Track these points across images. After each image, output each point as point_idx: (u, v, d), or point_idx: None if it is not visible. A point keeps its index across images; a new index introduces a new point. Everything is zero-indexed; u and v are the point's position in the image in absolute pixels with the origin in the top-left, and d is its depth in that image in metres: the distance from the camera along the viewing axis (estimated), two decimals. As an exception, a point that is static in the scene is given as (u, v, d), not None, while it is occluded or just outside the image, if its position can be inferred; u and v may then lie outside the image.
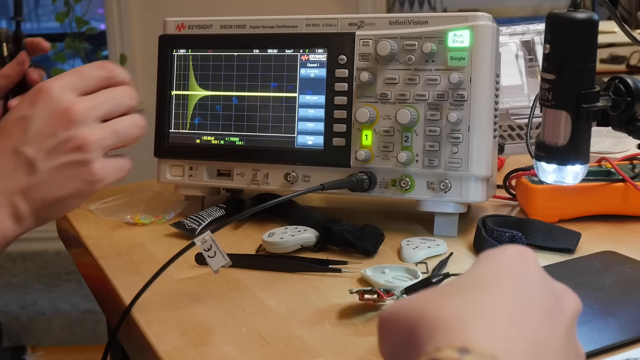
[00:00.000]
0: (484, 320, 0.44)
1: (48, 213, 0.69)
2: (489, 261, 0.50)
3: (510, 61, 1.15)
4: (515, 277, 0.48)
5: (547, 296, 0.49)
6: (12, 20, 1.02)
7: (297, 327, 0.70)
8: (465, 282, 0.48)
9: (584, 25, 0.76)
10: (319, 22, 0.94)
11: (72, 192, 0.68)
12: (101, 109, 0.70)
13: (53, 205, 0.68)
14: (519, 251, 0.50)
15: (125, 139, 0.71)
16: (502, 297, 0.46)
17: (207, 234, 0.75)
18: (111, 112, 0.71)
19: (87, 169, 0.68)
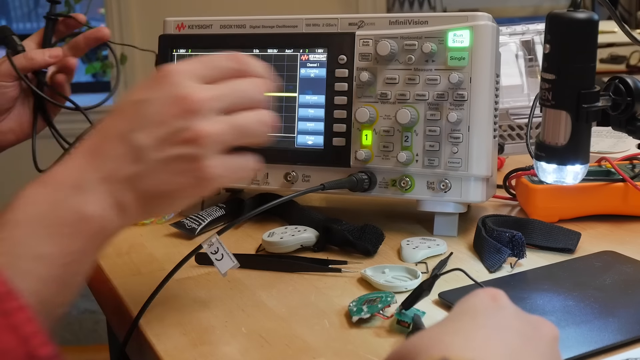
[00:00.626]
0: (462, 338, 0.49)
1: (153, 207, 0.63)
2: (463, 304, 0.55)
3: (510, 61, 1.15)
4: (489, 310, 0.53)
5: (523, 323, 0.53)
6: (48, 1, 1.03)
7: (297, 327, 0.70)
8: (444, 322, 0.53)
9: (584, 25, 0.76)
10: (319, 22, 0.94)
11: (180, 188, 0.62)
12: (224, 100, 0.63)
13: (159, 200, 0.62)
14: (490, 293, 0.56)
15: (246, 135, 0.64)
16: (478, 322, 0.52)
17: (214, 237, 0.74)
18: (235, 104, 0.64)
19: (198, 165, 0.61)
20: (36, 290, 0.55)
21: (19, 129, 1.03)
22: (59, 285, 0.57)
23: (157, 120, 0.61)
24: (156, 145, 0.60)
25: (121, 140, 0.61)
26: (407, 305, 0.68)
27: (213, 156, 0.62)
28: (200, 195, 0.64)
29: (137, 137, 0.60)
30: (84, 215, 0.58)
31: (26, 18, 4.41)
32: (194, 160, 0.61)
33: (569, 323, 0.67)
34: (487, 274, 0.80)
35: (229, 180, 0.64)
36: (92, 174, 0.60)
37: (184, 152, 0.61)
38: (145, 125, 0.61)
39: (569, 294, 0.73)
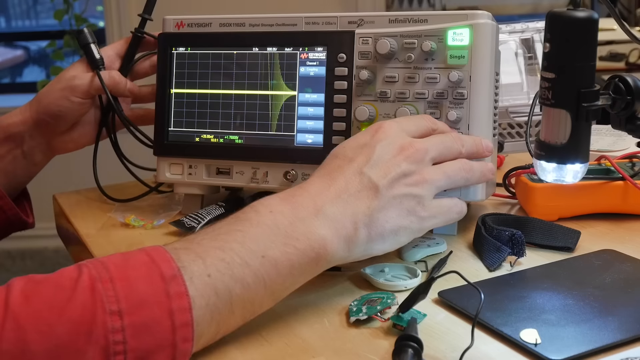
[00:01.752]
0: None
1: (379, 243, 0.70)
2: None
3: (510, 59, 1.15)
4: None
5: None
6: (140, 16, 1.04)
7: (297, 326, 0.70)
8: None
9: (583, 24, 0.76)
10: (319, 21, 0.93)
11: (405, 224, 0.70)
12: (436, 150, 0.74)
13: (387, 236, 0.69)
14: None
15: (454, 182, 0.75)
16: None
17: None
18: (443, 154, 0.75)
19: (421, 204, 0.71)
20: (249, 285, 0.61)
21: (80, 140, 1.06)
22: (266, 292, 0.63)
23: (389, 161, 0.70)
24: (389, 184, 0.69)
25: (358, 176, 0.70)
26: (404, 308, 0.67)
27: (430, 198, 0.72)
28: (418, 235, 0.73)
29: (372, 174, 0.69)
30: (318, 238, 0.65)
31: (25, 15, 4.40)
32: (418, 200, 0.70)
33: (568, 322, 0.67)
34: (487, 272, 0.80)
35: (441, 221, 0.74)
36: (335, 205, 0.67)
37: (411, 191, 0.70)
38: (378, 165, 0.70)
39: (569, 292, 0.73)
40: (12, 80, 4.18)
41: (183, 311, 0.57)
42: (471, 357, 0.62)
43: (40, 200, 1.26)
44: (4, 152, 1.00)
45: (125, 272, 0.57)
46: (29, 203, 1.06)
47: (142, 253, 0.59)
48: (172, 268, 0.57)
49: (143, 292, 0.56)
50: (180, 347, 0.56)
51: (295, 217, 0.66)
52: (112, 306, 0.54)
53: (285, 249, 0.63)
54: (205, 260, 0.60)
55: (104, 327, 0.53)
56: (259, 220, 0.64)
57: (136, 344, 0.54)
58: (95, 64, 1.03)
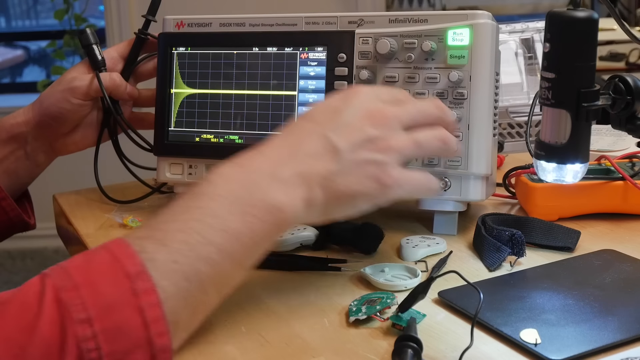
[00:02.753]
0: None
1: (337, 207, 0.68)
2: None
3: (510, 59, 1.15)
4: None
5: None
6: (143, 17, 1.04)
7: (297, 326, 0.70)
8: None
9: (583, 24, 0.76)
10: (319, 20, 0.93)
11: (365, 190, 0.68)
12: (408, 116, 0.71)
13: (343, 200, 0.68)
14: None
15: (426, 151, 0.72)
16: None
17: None
18: (417, 121, 0.72)
19: (384, 170, 0.68)
20: (216, 261, 0.60)
21: (82, 142, 1.06)
22: (233, 262, 0.62)
23: (354, 126, 0.68)
24: (352, 149, 0.67)
25: (320, 139, 0.68)
26: (403, 308, 0.67)
27: (395, 166, 0.69)
28: (378, 202, 0.70)
29: (335, 138, 0.67)
30: (275, 202, 0.64)
31: (25, 15, 4.40)
32: (381, 166, 0.68)
33: (568, 322, 0.67)
34: (487, 272, 0.80)
35: (405, 191, 0.70)
36: (290, 167, 0.66)
37: (374, 157, 0.67)
38: (341, 129, 0.68)
39: (569, 292, 0.73)
40: (12, 80, 4.18)
41: (153, 307, 0.56)
42: (471, 357, 0.62)
43: (40, 200, 1.26)
44: (7, 153, 1.00)
45: (89, 276, 0.56)
46: (30, 204, 1.06)
47: (104, 251, 0.58)
48: (136, 264, 0.57)
49: (109, 295, 0.55)
50: (156, 343, 0.55)
51: (250, 182, 0.64)
52: (80, 315, 0.54)
53: (244, 219, 0.62)
54: (168, 246, 0.59)
55: (75, 337, 0.53)
56: (215, 193, 0.63)
57: (110, 348, 0.53)
58: (96, 65, 1.03)
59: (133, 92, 1.04)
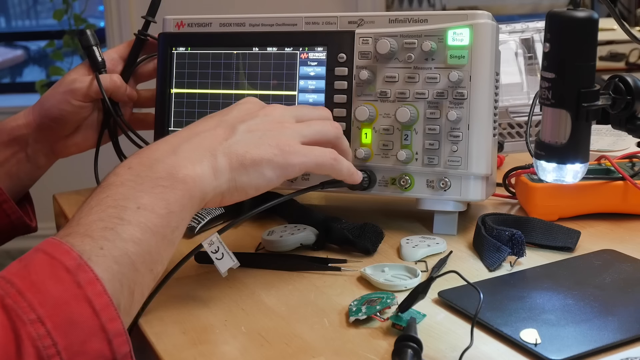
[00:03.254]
0: None
1: (244, 175, 0.71)
2: None
3: (510, 59, 1.15)
4: None
5: None
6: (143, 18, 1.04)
7: (297, 326, 0.70)
8: None
9: (583, 24, 0.76)
10: (319, 20, 0.93)
11: (267, 156, 0.71)
12: (296, 111, 0.78)
13: (249, 166, 0.71)
14: None
15: (321, 133, 0.77)
16: None
17: (214, 236, 0.74)
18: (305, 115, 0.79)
19: (281, 139, 0.73)
20: (140, 239, 0.62)
21: (83, 144, 1.06)
22: (158, 238, 0.64)
23: (247, 113, 0.75)
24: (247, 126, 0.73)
25: (216, 121, 0.74)
26: (403, 308, 0.67)
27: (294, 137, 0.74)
28: (286, 172, 0.73)
29: (230, 119, 0.74)
30: (181, 169, 0.66)
31: (25, 15, 4.40)
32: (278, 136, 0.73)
33: (568, 322, 0.67)
34: (487, 272, 0.80)
35: (310, 160, 0.74)
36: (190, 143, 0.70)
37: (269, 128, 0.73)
38: (236, 115, 0.75)
39: (569, 292, 0.73)
40: (12, 80, 4.18)
41: (99, 295, 0.57)
42: (471, 357, 0.62)
43: (40, 200, 1.26)
44: (8, 156, 1.00)
45: (30, 278, 0.56)
46: (32, 207, 1.06)
47: (39, 253, 0.59)
48: (73, 258, 0.58)
49: (55, 292, 0.56)
50: (109, 328, 0.56)
51: (153, 160, 0.67)
52: (30, 315, 0.54)
53: (154, 191, 0.64)
54: (91, 236, 0.60)
55: (29, 337, 0.53)
56: (122, 180, 0.65)
57: (66, 341, 0.54)
58: (97, 66, 1.03)
59: (132, 94, 1.04)
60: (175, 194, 0.65)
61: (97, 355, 0.55)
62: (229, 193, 0.71)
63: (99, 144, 1.06)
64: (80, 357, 0.55)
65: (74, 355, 0.54)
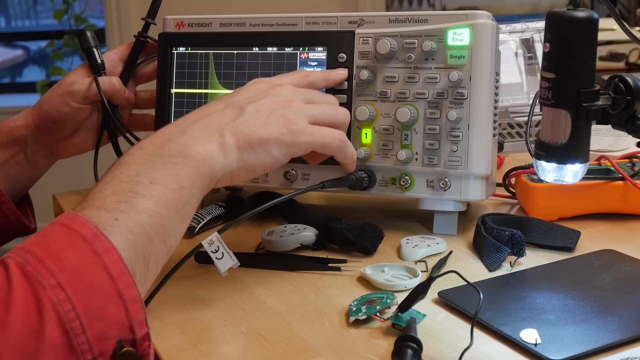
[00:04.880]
0: None
1: (251, 154, 0.73)
2: None
3: (510, 59, 1.15)
4: None
5: None
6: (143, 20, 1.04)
7: (297, 326, 0.70)
8: None
9: (583, 24, 0.76)
10: (319, 20, 0.93)
11: (274, 135, 0.73)
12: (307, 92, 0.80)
13: (256, 145, 0.73)
14: None
15: (330, 115, 0.79)
16: None
17: (214, 235, 0.74)
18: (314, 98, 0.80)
19: (289, 118, 0.75)
20: (153, 210, 0.64)
21: (82, 145, 1.06)
22: (170, 211, 0.65)
23: (255, 94, 0.77)
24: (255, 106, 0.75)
25: (225, 103, 0.75)
26: (403, 308, 0.67)
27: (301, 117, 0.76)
28: (292, 150, 0.75)
29: (238, 101, 0.75)
30: (192, 147, 0.69)
31: (25, 15, 4.40)
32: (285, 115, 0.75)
33: (568, 322, 0.67)
34: (487, 272, 0.80)
35: (317, 140, 0.76)
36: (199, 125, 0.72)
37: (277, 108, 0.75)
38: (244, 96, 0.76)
39: (569, 292, 0.73)
40: (12, 80, 4.18)
41: (115, 263, 0.58)
42: (471, 357, 0.62)
43: (40, 200, 1.26)
44: (7, 157, 1.00)
45: (49, 248, 0.58)
46: (31, 208, 1.06)
47: (57, 225, 0.61)
48: (89, 228, 0.60)
49: (73, 260, 0.58)
50: (126, 295, 0.58)
51: (164, 140, 0.69)
52: (51, 281, 0.56)
53: (166, 167, 0.66)
54: (106, 208, 0.62)
55: (50, 302, 0.55)
56: (134, 158, 0.67)
57: (85, 306, 0.56)
58: (96, 68, 1.02)
59: (130, 97, 1.04)
60: (186, 170, 0.67)
61: (115, 320, 0.57)
62: (238, 172, 0.73)
63: (98, 145, 1.06)
64: (98, 321, 0.56)
65: (93, 320, 0.56)
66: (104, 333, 0.56)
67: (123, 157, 0.68)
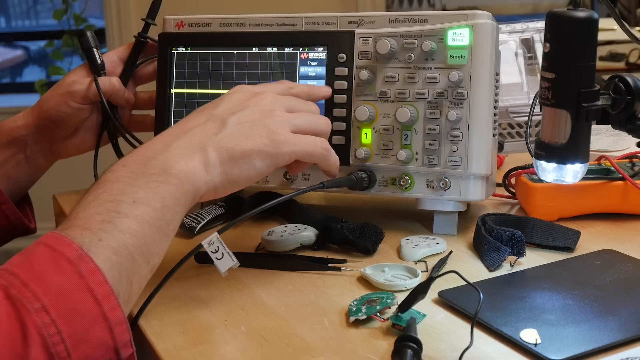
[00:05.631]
0: None
1: (234, 167, 0.72)
2: None
3: (510, 59, 1.15)
4: None
5: None
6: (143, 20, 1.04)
7: (297, 326, 0.70)
8: None
9: (583, 24, 0.76)
10: (319, 20, 0.93)
11: (257, 147, 0.72)
12: (287, 101, 0.79)
13: (239, 159, 0.72)
14: None
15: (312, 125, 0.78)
16: None
17: (214, 235, 0.74)
18: (297, 106, 0.79)
19: (271, 128, 0.74)
20: (136, 230, 0.63)
21: (82, 145, 1.06)
22: (154, 230, 0.65)
23: (237, 104, 0.76)
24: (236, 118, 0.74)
25: (206, 116, 0.74)
26: (403, 308, 0.67)
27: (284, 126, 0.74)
28: (276, 161, 0.74)
29: (220, 113, 0.74)
30: (174, 165, 0.68)
31: (25, 15, 4.40)
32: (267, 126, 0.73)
33: (568, 322, 0.67)
34: (487, 272, 0.80)
35: (300, 149, 0.75)
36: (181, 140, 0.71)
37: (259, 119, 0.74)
38: (226, 107, 0.75)
39: (569, 292, 0.73)
40: (12, 80, 4.18)
41: (100, 285, 0.58)
42: (471, 357, 0.62)
43: (40, 200, 1.26)
44: (7, 157, 1.00)
45: (32, 270, 0.58)
46: (31, 208, 1.06)
47: (41, 246, 0.61)
48: (74, 249, 0.59)
49: (57, 282, 0.57)
50: (111, 317, 0.58)
51: (147, 158, 0.69)
52: (35, 305, 0.56)
53: (149, 186, 0.66)
54: (90, 228, 0.62)
55: (34, 325, 0.55)
56: (117, 177, 0.67)
57: (70, 329, 0.56)
58: (96, 69, 1.02)
59: (130, 97, 1.04)
60: (169, 189, 0.67)
61: (100, 342, 0.57)
62: (222, 186, 0.72)
63: (98, 146, 1.06)
64: (83, 344, 0.56)
65: (78, 343, 0.56)
66: (89, 356, 0.56)
67: (105, 174, 0.68)
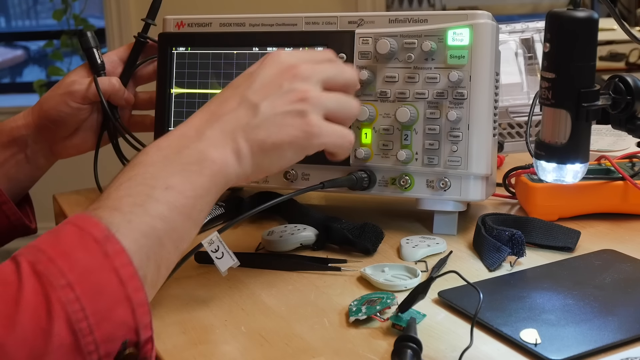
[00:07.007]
0: None
1: (265, 159, 0.71)
2: None
3: (510, 59, 1.15)
4: None
5: None
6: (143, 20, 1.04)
7: (297, 326, 0.70)
8: None
9: (583, 24, 0.76)
10: (319, 20, 0.93)
11: (289, 139, 0.70)
12: (325, 72, 0.74)
13: (270, 150, 0.70)
14: None
15: (345, 109, 0.75)
16: None
17: (214, 235, 0.74)
18: (333, 78, 0.75)
19: (305, 119, 0.71)
20: (167, 216, 0.64)
21: (82, 145, 1.06)
22: (184, 217, 0.65)
23: (270, 84, 0.72)
24: (269, 103, 0.70)
25: (238, 99, 0.71)
26: (403, 308, 0.67)
27: (317, 115, 0.71)
28: (306, 151, 0.73)
29: (252, 96, 0.71)
30: (208, 156, 0.67)
31: (25, 15, 4.40)
32: (302, 115, 0.71)
33: (568, 322, 0.67)
34: (487, 272, 0.80)
35: (331, 141, 0.73)
36: (213, 127, 0.69)
37: (293, 108, 0.71)
38: (259, 88, 0.72)
39: (569, 292, 0.73)
40: (12, 80, 4.18)
41: (125, 266, 0.59)
42: (471, 357, 0.62)
43: (40, 200, 1.26)
44: (7, 157, 1.00)
45: (60, 247, 0.59)
46: (32, 208, 1.06)
47: (69, 225, 0.61)
48: (101, 230, 0.60)
49: (83, 261, 0.58)
50: (134, 298, 0.58)
51: (181, 146, 0.68)
52: (61, 281, 0.56)
53: (182, 174, 0.66)
54: (121, 210, 0.62)
55: (59, 302, 0.55)
56: (151, 160, 0.67)
57: (94, 307, 0.56)
58: (96, 69, 1.02)
59: (130, 97, 1.04)
60: (201, 179, 0.67)
61: (121, 322, 0.57)
62: (253, 175, 0.72)
63: (98, 146, 1.06)
64: (105, 323, 0.56)
65: (100, 321, 0.56)
66: (110, 334, 0.57)
67: (139, 156, 0.68)
